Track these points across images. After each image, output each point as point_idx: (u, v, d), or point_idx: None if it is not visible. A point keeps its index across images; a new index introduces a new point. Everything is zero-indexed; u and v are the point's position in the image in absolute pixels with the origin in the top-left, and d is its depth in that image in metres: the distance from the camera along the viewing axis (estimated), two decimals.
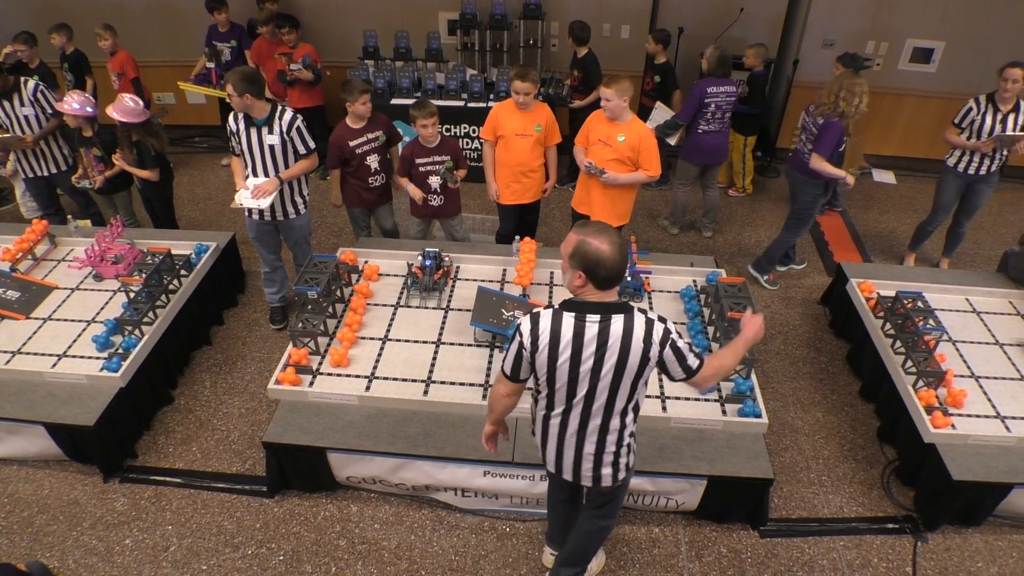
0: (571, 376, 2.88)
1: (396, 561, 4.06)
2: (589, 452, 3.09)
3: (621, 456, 3.12)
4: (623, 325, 2.79)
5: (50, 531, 4.20)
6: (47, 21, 7.57)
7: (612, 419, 3.00)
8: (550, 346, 2.84)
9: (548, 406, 3.07)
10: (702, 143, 6.83)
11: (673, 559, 4.10)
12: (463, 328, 4.87)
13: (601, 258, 2.72)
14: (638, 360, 2.81)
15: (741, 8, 8.10)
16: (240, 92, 4.77)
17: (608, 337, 2.78)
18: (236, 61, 7.95)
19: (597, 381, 2.87)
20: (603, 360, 2.81)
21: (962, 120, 5.98)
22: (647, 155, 5.28)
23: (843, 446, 4.86)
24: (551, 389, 2.98)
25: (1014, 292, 5.42)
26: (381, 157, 5.74)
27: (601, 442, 3.06)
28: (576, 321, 2.81)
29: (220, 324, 5.89)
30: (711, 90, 6.60)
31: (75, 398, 4.37)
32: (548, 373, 2.92)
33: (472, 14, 8.21)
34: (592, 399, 2.93)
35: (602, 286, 2.80)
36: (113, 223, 5.66)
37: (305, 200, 5.47)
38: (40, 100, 6.08)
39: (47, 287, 5.28)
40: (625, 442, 3.10)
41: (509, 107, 5.67)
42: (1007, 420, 4.33)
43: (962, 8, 7.82)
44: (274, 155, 5.07)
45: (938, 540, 4.24)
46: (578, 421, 3.02)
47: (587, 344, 2.80)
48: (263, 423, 4.89)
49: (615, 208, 5.60)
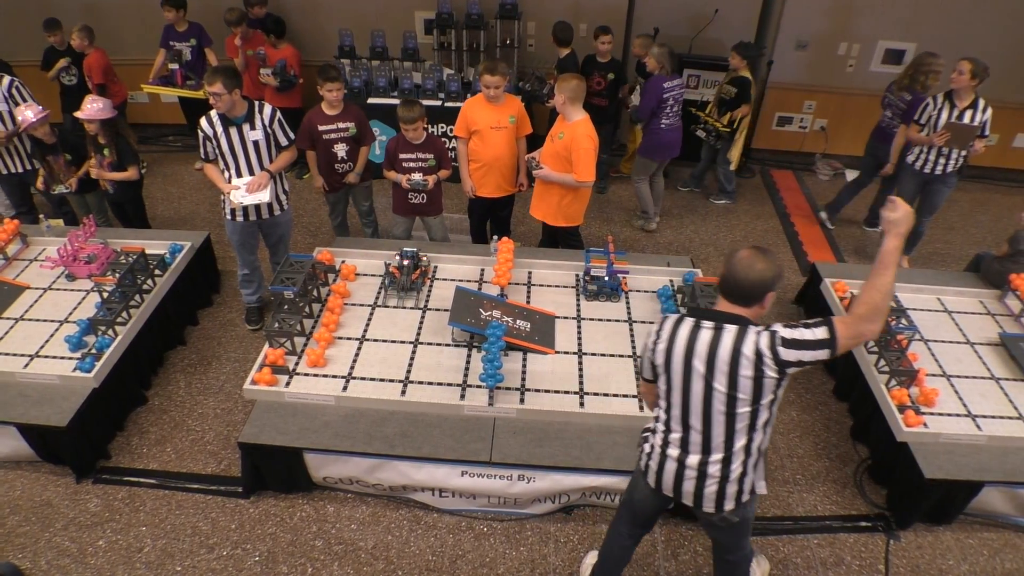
0: (684, 378, 2.90)
1: (373, 561, 4.05)
2: (714, 474, 2.97)
3: (747, 476, 2.99)
4: (734, 335, 2.79)
5: (22, 532, 4.15)
6: (26, 17, 7.48)
7: (736, 435, 2.90)
8: (667, 345, 2.92)
9: (667, 418, 3.05)
10: (664, 139, 6.93)
11: (649, 558, 4.12)
12: (441, 328, 4.87)
13: (729, 265, 2.87)
14: (752, 371, 2.76)
15: (716, 9, 8.15)
16: (230, 88, 4.73)
17: (719, 344, 2.79)
18: (197, 61, 7.82)
19: (712, 391, 2.84)
20: (714, 366, 2.81)
21: (920, 116, 6.13)
22: (576, 157, 5.24)
23: (817, 445, 4.91)
24: (668, 388, 2.98)
25: (985, 292, 5.50)
26: (349, 147, 5.79)
27: (727, 461, 2.95)
28: (694, 326, 2.88)
29: (195, 324, 5.84)
30: (666, 85, 6.70)
31: (47, 399, 4.31)
32: (665, 371, 2.96)
33: (448, 13, 8.20)
34: (710, 411, 2.88)
35: (724, 294, 2.92)
36: (86, 222, 5.59)
37: (287, 196, 5.46)
38: (15, 95, 5.98)
39: (19, 287, 5.21)
40: (752, 460, 2.98)
41: (480, 102, 5.69)
42: (978, 419, 4.39)
43: (932, 11, 7.94)
44: (258, 151, 5.05)
45: (910, 538, 4.29)
46: (701, 438, 2.96)
47: (699, 347, 2.83)
48: (239, 423, 4.86)
49: (561, 209, 5.63)
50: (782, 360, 2.72)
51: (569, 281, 5.41)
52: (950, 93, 5.95)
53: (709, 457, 2.95)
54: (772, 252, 2.91)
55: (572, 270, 5.51)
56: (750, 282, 2.82)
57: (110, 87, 7.59)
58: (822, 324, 2.73)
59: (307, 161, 6.04)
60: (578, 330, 4.92)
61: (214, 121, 4.94)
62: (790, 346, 2.71)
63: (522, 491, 4.14)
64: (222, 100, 4.75)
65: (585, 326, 4.96)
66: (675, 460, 3.03)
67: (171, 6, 7.60)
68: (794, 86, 8.67)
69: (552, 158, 5.38)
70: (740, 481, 2.97)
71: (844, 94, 8.61)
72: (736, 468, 2.94)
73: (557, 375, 4.53)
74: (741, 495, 3.01)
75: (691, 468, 2.99)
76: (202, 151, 5.09)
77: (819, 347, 2.70)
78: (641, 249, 7.15)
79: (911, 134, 6.22)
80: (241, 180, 5.07)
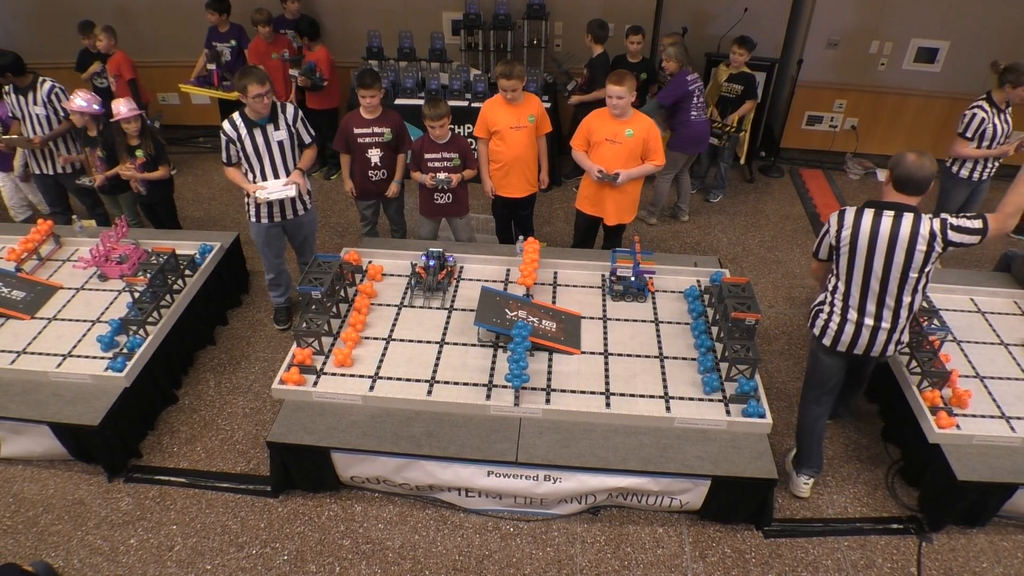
0: (868, 255, 3.71)
1: (400, 561, 4.07)
2: (885, 327, 3.88)
3: (906, 328, 3.96)
4: (912, 220, 3.60)
5: (55, 531, 4.22)
6: (50, 20, 7.61)
7: (904, 296, 3.79)
8: (852, 232, 3.72)
9: (845, 290, 3.90)
10: (693, 132, 6.90)
11: (677, 559, 4.10)
12: (467, 328, 4.87)
13: (903, 166, 3.62)
14: (925, 247, 3.60)
15: (745, 8, 8.09)
16: (268, 91, 4.80)
17: (899, 227, 3.61)
18: (236, 61, 7.95)
19: (891, 263, 3.68)
20: (895, 244, 3.63)
21: (975, 131, 5.81)
22: (655, 145, 5.40)
23: (847, 446, 4.85)
24: (850, 264, 3.80)
25: (1018, 292, 5.40)
26: (384, 153, 5.75)
27: (896, 317, 3.86)
28: (875, 215, 3.67)
29: (224, 324, 5.90)
30: (689, 78, 6.72)
31: (80, 398, 4.38)
32: (849, 251, 3.76)
33: (476, 14, 8.21)
34: (887, 280, 3.73)
35: (898, 188, 3.67)
36: (118, 223, 5.67)
37: (311, 195, 5.50)
38: (53, 101, 6.09)
39: (52, 287, 5.30)
40: (911, 316, 3.90)
41: (499, 102, 5.70)
42: (1012, 420, 4.31)
43: (965, 8, 7.80)
44: (283, 151, 5.10)
45: (943, 540, 4.23)
46: (876, 301, 3.83)
47: (882, 230, 3.64)
48: (267, 423, 4.90)
49: (630, 203, 5.72)
50: (949, 240, 3.62)
51: (595, 281, 5.39)
52: (991, 97, 5.75)
53: (883, 314, 3.85)
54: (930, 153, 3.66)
55: (598, 270, 5.49)
56: (922, 176, 3.61)
57: (124, 90, 7.66)
58: (978, 218, 3.64)
59: (340, 163, 6.04)
60: (604, 330, 4.90)
61: (238, 124, 4.97)
62: (956, 230, 3.61)
63: (548, 491, 4.13)
64: (261, 103, 4.81)
65: (611, 326, 4.94)
66: (854, 323, 3.92)
67: (214, 10, 7.73)
68: (824, 85, 8.56)
69: (626, 158, 5.42)
70: (902, 332, 3.95)
71: (876, 93, 8.49)
72: (901, 322, 3.89)
73: (583, 375, 4.52)
74: (900, 343, 4.01)
75: (867, 327, 3.90)
76: (224, 155, 5.10)
77: (975, 233, 3.62)
78: (668, 249, 7.11)
79: (968, 151, 5.88)
80: (269, 182, 5.11)
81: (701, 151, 7.24)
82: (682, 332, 4.90)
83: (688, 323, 4.98)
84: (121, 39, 7.72)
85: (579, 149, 5.61)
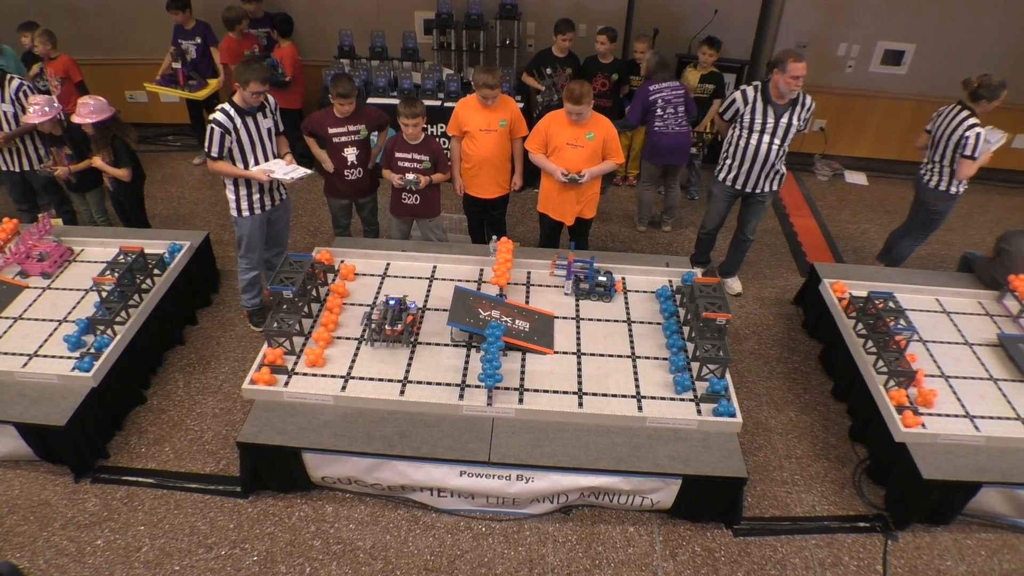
0: None
1: (371, 561, 4.05)
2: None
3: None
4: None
5: (20, 531, 4.15)
6: (5, 18, 7.44)
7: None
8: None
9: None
10: (660, 143, 6.81)
11: (647, 558, 4.13)
12: (440, 328, 4.87)
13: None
14: None
15: (715, 10, 8.15)
16: (267, 90, 4.94)
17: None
18: (202, 59, 7.85)
19: None
20: None
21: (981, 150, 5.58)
22: (615, 145, 5.51)
23: (815, 445, 4.91)
24: None
25: (983, 293, 5.51)
26: (360, 151, 5.73)
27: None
28: None
29: (194, 324, 5.84)
30: (652, 88, 6.69)
31: (46, 398, 4.32)
32: None
33: (448, 14, 8.18)
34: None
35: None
36: (41, 219, 5.60)
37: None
38: (20, 100, 6.02)
39: (18, 286, 5.21)
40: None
41: (473, 103, 5.71)
42: (976, 420, 4.40)
43: (932, 11, 7.93)
44: (271, 137, 5.21)
45: (908, 539, 4.30)
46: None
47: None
48: (237, 423, 4.86)
49: (589, 201, 5.75)
50: None
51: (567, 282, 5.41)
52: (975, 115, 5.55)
53: None
54: None
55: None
56: None
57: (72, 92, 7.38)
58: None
59: (310, 148, 5.89)
60: (577, 330, 4.92)
61: (232, 114, 4.93)
62: None
63: (520, 491, 4.14)
64: (258, 95, 4.91)
65: (584, 326, 4.96)
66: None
67: (176, 8, 7.63)
68: None
69: (589, 159, 5.47)
70: None
71: (844, 95, 8.60)
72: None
73: (556, 375, 4.54)
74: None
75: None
76: (216, 148, 4.93)
77: None
78: (641, 249, 7.15)
79: (975, 167, 5.65)
80: (270, 164, 5.14)
81: (673, 163, 7.01)
82: (654, 332, 4.94)
83: (660, 323, 5.02)
84: (84, 36, 7.55)
85: (537, 151, 5.61)
